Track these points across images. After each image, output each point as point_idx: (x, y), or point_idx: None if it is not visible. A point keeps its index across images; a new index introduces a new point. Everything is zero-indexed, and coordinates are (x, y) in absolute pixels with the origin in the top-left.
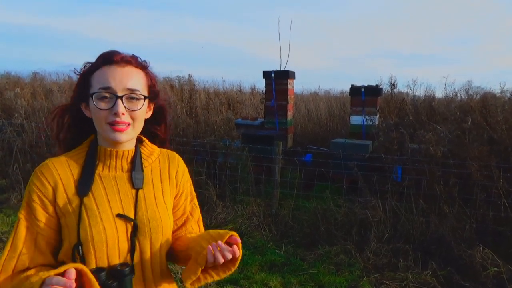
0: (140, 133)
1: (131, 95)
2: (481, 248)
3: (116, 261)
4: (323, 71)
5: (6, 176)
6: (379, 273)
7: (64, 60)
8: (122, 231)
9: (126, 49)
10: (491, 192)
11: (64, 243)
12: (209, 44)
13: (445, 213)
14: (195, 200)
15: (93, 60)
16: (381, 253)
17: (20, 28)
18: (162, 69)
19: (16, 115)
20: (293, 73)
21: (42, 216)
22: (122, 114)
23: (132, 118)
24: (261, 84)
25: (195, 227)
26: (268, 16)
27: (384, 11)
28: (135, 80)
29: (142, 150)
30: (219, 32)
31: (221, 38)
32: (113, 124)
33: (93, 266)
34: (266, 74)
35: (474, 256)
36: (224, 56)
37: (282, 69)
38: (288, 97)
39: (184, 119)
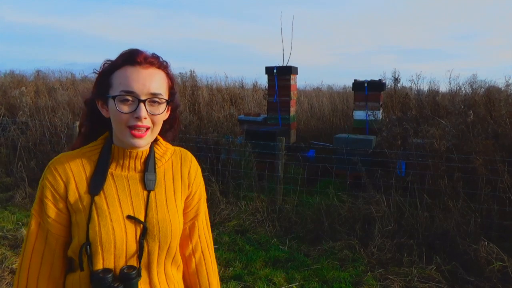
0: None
1: (154, 99)
2: (486, 242)
3: (123, 262)
4: (326, 67)
5: (11, 174)
6: (383, 268)
7: (67, 59)
8: (131, 233)
9: (128, 48)
10: (496, 186)
11: (74, 240)
12: (211, 42)
13: (450, 208)
14: (205, 203)
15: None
16: (385, 248)
17: (24, 28)
18: None
19: (21, 112)
20: (296, 68)
21: (53, 213)
22: (144, 118)
23: (153, 122)
24: (263, 81)
25: (204, 244)
26: (270, 13)
27: (386, 6)
28: (158, 83)
29: (156, 150)
30: (220, 30)
31: (223, 36)
32: (133, 128)
33: (100, 266)
34: (269, 70)
35: (478, 250)
36: (226, 53)
37: (284, 64)
38: (291, 92)
39: (187, 116)
